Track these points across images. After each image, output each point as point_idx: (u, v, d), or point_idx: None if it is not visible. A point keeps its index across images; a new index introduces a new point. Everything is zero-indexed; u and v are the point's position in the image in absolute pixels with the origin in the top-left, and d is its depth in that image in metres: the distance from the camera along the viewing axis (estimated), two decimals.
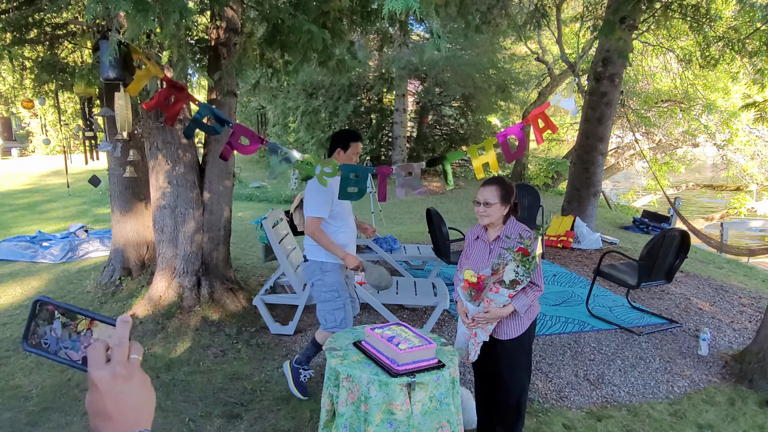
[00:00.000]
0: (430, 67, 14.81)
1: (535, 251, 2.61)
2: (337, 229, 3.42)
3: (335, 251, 3.33)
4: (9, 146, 19.36)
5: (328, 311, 3.42)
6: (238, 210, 10.50)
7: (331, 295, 3.41)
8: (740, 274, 6.99)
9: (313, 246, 3.42)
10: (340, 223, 3.44)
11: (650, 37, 10.93)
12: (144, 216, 5.51)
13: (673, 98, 14.13)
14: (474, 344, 2.80)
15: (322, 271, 3.42)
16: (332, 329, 3.40)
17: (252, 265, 6.54)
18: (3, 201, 11.22)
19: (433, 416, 2.38)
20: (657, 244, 4.73)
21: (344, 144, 3.45)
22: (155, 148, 4.64)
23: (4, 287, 5.71)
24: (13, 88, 6.39)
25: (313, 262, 3.45)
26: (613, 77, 7.93)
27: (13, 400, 3.49)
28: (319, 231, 3.32)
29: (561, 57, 12.16)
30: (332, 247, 3.33)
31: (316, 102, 16.49)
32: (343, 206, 3.46)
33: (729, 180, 15.43)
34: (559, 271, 6.65)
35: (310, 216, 3.32)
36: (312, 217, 3.32)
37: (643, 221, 10.19)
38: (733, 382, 3.98)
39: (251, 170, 17.96)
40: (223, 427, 3.26)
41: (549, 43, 16.28)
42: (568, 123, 18.00)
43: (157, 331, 4.43)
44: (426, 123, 18.24)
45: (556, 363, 4.18)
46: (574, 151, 8.88)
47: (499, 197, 2.77)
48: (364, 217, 9.81)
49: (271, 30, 4.22)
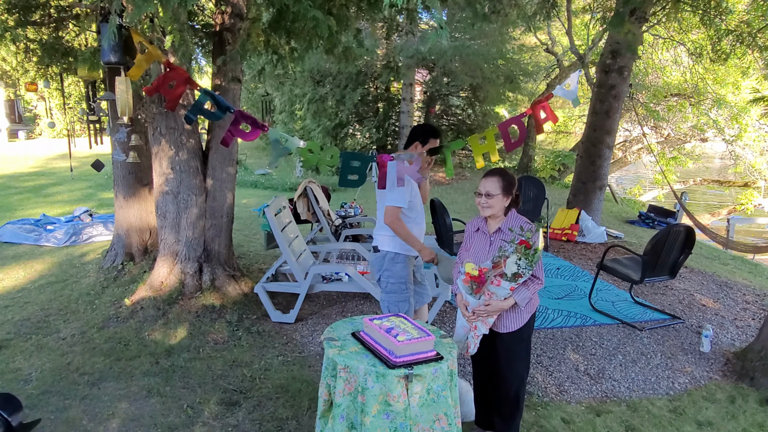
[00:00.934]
0: (438, 57, 14.67)
1: (537, 243, 2.58)
2: (410, 220, 3.41)
3: (412, 243, 3.33)
4: (16, 129, 19.39)
5: (393, 302, 3.42)
6: (242, 197, 10.50)
7: (398, 287, 3.41)
8: (745, 271, 6.94)
9: (385, 236, 3.42)
10: (414, 214, 3.44)
11: (661, 30, 10.80)
12: (147, 201, 5.50)
13: (683, 92, 13.97)
14: (474, 337, 2.78)
15: (393, 262, 3.41)
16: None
17: (254, 252, 6.54)
18: (9, 183, 11.25)
19: (430, 408, 2.37)
20: (662, 240, 4.69)
21: (423, 138, 3.43)
22: (158, 133, 4.62)
23: (8, 270, 5.74)
24: (15, 70, 6.37)
25: (384, 252, 3.44)
26: (622, 70, 7.84)
27: (13, 383, 3.51)
28: (399, 220, 3.30)
29: (570, 48, 12.02)
30: (410, 239, 3.32)
31: (323, 90, 16.40)
32: (417, 198, 3.47)
33: (737, 176, 15.29)
34: (562, 265, 6.62)
35: (391, 205, 3.30)
36: (392, 206, 3.30)
37: (649, 216, 10.11)
38: (734, 380, 3.95)
39: (257, 157, 17.96)
40: (221, 414, 3.27)
41: (558, 34, 16.12)
42: (576, 116, 17.86)
43: (157, 317, 4.44)
44: (433, 113, 18.12)
45: (556, 357, 4.17)
46: (581, 144, 8.81)
47: (501, 188, 2.74)
48: (367, 207, 9.79)
49: (276, 15, 4.18)
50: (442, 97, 17.99)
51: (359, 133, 17.64)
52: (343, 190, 12.39)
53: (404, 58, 14.66)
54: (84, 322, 4.42)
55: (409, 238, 3.31)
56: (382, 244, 3.44)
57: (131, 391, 3.47)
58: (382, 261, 3.45)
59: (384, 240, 3.43)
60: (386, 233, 3.39)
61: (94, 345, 4.07)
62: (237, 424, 3.16)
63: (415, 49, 14.34)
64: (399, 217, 3.30)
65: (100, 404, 3.32)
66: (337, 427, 2.36)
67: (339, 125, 16.75)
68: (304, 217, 6.25)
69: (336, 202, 8.61)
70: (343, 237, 6.15)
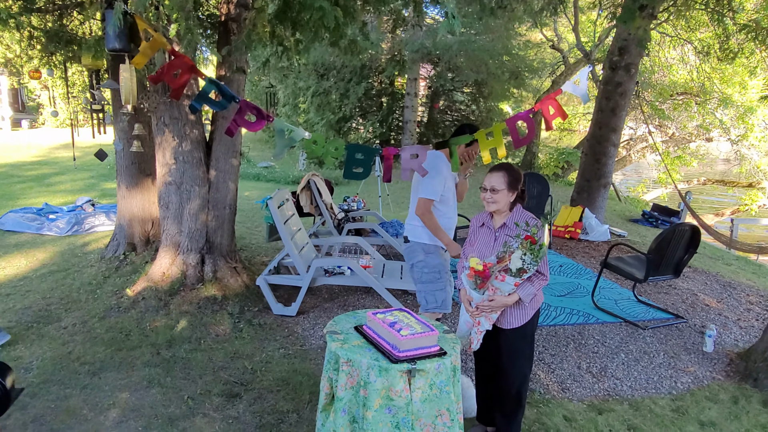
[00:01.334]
0: (443, 51, 14.60)
1: (542, 239, 2.56)
2: (442, 214, 3.44)
3: (441, 236, 3.37)
4: (19, 118, 19.37)
5: (429, 292, 3.44)
6: (244, 189, 10.48)
7: (433, 277, 3.43)
8: (749, 272, 6.90)
9: (416, 227, 3.45)
10: (445, 208, 3.46)
11: (668, 28, 10.72)
12: (150, 191, 5.48)
13: (689, 91, 13.89)
14: (477, 333, 2.76)
15: (425, 252, 3.45)
16: (433, 310, 3.44)
17: (257, 244, 6.53)
18: (12, 172, 11.24)
19: (432, 404, 2.35)
20: (667, 238, 4.66)
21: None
22: (162, 123, 4.59)
23: (9, 258, 5.73)
24: (19, 57, 6.34)
25: (415, 243, 3.47)
26: (629, 67, 7.78)
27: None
28: (430, 213, 3.34)
29: (576, 45, 11.96)
30: (439, 232, 3.36)
31: (327, 83, 16.35)
32: (451, 193, 3.48)
33: (741, 176, 15.22)
34: (565, 262, 6.59)
35: (424, 197, 3.34)
36: (425, 198, 3.34)
37: (653, 215, 10.07)
38: (737, 381, 3.93)
39: (260, 150, 17.92)
40: (222, 405, 3.25)
41: (564, 30, 16.03)
42: (580, 113, 17.78)
43: (159, 308, 4.43)
44: (437, 108, 18.08)
45: (559, 354, 4.15)
46: (586, 142, 8.76)
47: (506, 183, 2.71)
48: (371, 201, 9.77)
49: (281, 6, 4.15)
50: (446, 93, 17.94)
51: (362, 127, 17.60)
52: (346, 183, 12.36)
53: (409, 52, 14.60)
54: (85, 312, 4.41)
55: (437, 231, 3.36)
56: (412, 234, 3.48)
57: (132, 382, 3.46)
58: (413, 252, 3.48)
59: (415, 230, 3.47)
60: (417, 223, 3.43)
61: (95, 335, 4.06)
62: (237, 416, 3.15)
63: (421, 44, 14.28)
64: (430, 210, 3.35)
65: (101, 394, 3.31)
66: (338, 420, 2.34)
67: (342, 119, 16.70)
68: (306, 210, 6.23)
69: (339, 196, 8.59)
70: (345, 231, 6.13)
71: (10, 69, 14.06)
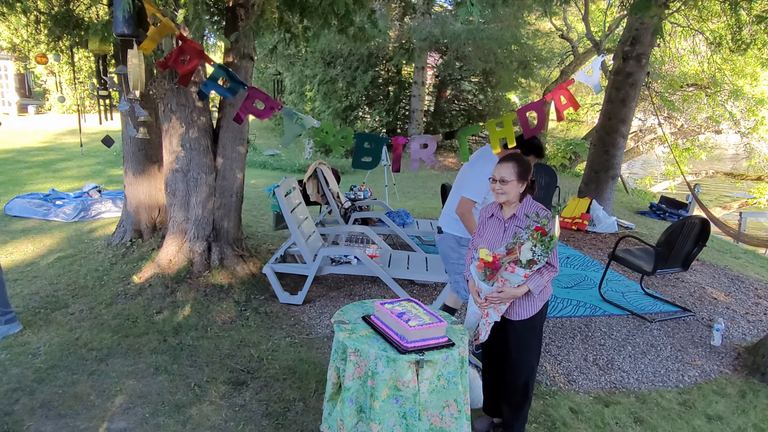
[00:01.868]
0: (451, 40, 14.49)
1: (553, 230, 2.53)
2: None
3: None
4: (26, 103, 19.39)
5: (462, 282, 3.51)
6: (251, 177, 10.46)
7: None
8: (757, 265, 6.86)
9: (452, 219, 3.49)
10: None
11: (680, 18, 10.58)
12: (157, 178, 5.47)
13: (699, 82, 13.74)
14: (485, 324, 2.74)
15: (459, 245, 3.50)
16: (466, 299, 3.51)
17: (263, 233, 6.52)
18: (18, 158, 11.27)
19: (440, 395, 2.34)
20: (676, 231, 4.62)
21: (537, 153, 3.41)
22: (169, 110, 4.57)
23: (17, 243, 5.74)
24: (26, 41, 6.32)
25: (448, 235, 3.52)
26: (641, 57, 7.69)
27: (21, 357, 3.51)
28: (470, 214, 3.36)
29: (586, 35, 11.84)
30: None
31: (333, 71, 16.26)
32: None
33: (751, 169, 15.10)
34: (572, 254, 6.56)
35: (467, 197, 3.35)
36: (468, 198, 3.35)
37: (661, 207, 10.00)
38: (744, 375, 3.91)
39: (266, 138, 17.91)
40: (228, 393, 3.26)
41: (574, 20, 15.88)
42: (588, 104, 17.65)
43: (165, 295, 4.43)
44: (444, 97, 17.98)
45: (565, 346, 4.13)
46: (595, 132, 8.68)
47: (516, 174, 2.68)
48: (377, 191, 9.74)
49: None
50: (453, 82, 17.83)
51: (369, 116, 17.53)
52: (352, 172, 12.33)
53: (417, 40, 14.49)
54: (92, 298, 4.42)
55: (472, 233, 3.36)
56: (447, 226, 3.52)
57: (139, 368, 3.47)
58: (446, 243, 3.53)
59: (450, 223, 3.50)
60: (453, 216, 3.46)
61: (103, 321, 4.07)
62: (244, 404, 3.16)
63: (429, 32, 14.16)
64: (470, 211, 3.36)
65: (108, 380, 3.32)
66: (345, 410, 2.34)
67: (349, 107, 16.63)
68: (313, 199, 6.21)
69: (345, 185, 8.56)
70: (352, 220, 6.12)
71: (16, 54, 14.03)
